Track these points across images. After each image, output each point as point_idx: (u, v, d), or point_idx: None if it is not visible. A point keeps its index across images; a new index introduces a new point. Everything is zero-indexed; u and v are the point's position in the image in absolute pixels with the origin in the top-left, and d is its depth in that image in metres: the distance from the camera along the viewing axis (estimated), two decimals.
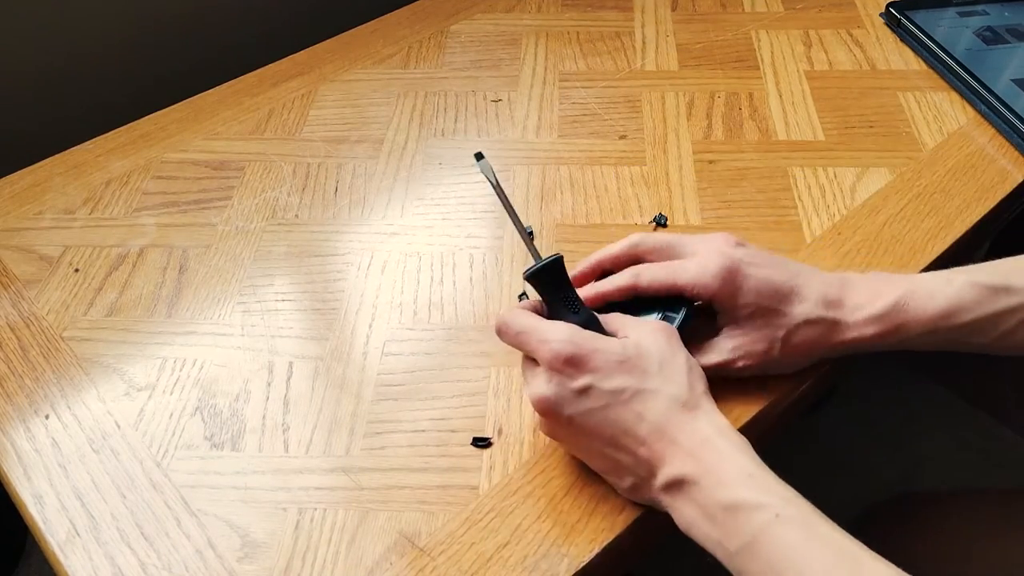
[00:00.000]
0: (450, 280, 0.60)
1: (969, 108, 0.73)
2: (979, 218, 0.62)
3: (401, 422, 0.51)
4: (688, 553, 0.43)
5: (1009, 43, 0.78)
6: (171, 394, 0.53)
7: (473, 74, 0.79)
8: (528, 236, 0.48)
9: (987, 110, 0.71)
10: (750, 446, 0.43)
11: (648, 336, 0.45)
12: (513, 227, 0.52)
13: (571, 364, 0.43)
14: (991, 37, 0.79)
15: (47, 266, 0.61)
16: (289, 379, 0.54)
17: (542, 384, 0.44)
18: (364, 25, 0.85)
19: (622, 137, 0.71)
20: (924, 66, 0.78)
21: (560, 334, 0.44)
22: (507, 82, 0.78)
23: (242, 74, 0.79)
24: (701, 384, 0.45)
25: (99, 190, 0.68)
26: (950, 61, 0.75)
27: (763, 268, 0.48)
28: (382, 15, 0.86)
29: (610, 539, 0.45)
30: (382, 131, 0.73)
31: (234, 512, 0.47)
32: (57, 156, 0.71)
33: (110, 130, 0.73)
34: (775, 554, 0.38)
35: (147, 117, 0.74)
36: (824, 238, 0.61)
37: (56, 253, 0.62)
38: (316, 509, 0.47)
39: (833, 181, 0.66)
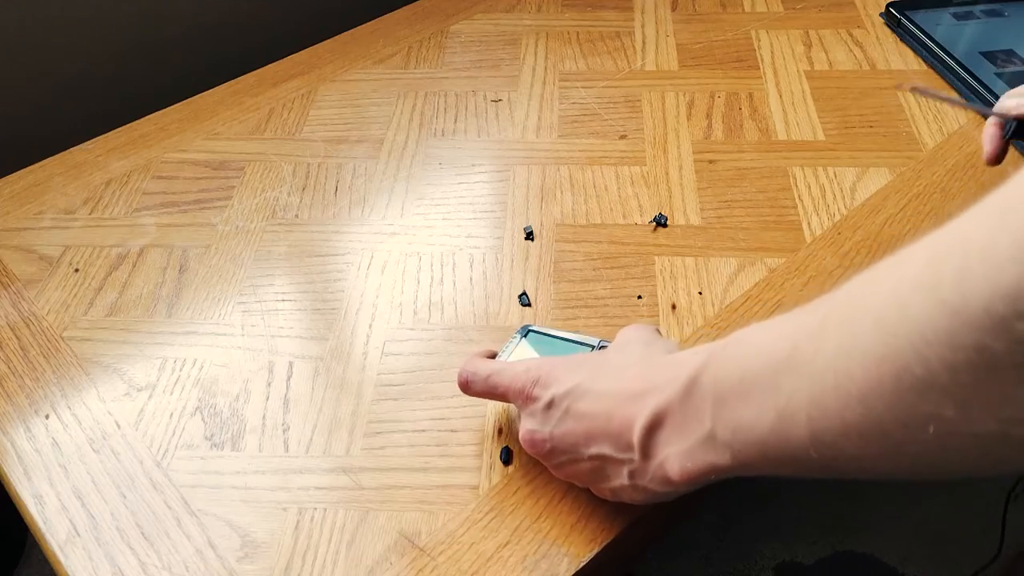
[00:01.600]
0: (450, 280, 0.60)
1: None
2: None
3: (401, 422, 0.51)
4: (688, 553, 0.43)
5: None
6: (171, 394, 0.53)
7: (473, 74, 0.79)
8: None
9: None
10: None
11: (622, 332, 0.45)
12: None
13: (537, 386, 0.42)
14: None
15: (47, 266, 0.61)
16: (289, 379, 0.54)
17: (523, 422, 0.44)
18: (364, 25, 0.85)
19: (622, 137, 0.71)
20: (924, 66, 0.78)
21: (525, 363, 0.44)
22: (507, 82, 0.78)
23: (242, 74, 0.79)
24: (662, 346, 0.42)
25: (99, 190, 0.68)
26: (950, 61, 0.75)
27: None
28: (382, 15, 0.87)
29: (610, 539, 0.45)
30: (382, 131, 0.73)
31: (234, 512, 0.47)
32: (57, 156, 0.71)
33: (110, 130, 0.73)
34: (736, 373, 0.34)
35: (147, 117, 0.74)
36: (824, 238, 0.61)
37: (56, 253, 0.62)
38: (316, 509, 0.47)
39: (833, 181, 0.66)
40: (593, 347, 0.49)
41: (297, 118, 0.74)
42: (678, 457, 0.37)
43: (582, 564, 0.44)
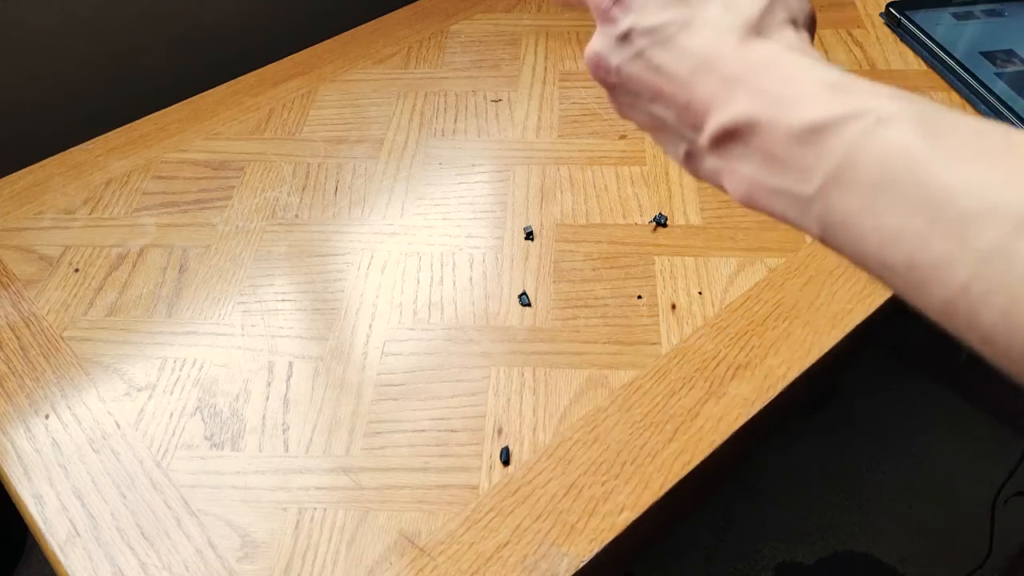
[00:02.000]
0: (450, 280, 0.60)
1: (969, 108, 0.73)
2: None
3: (401, 422, 0.51)
4: (688, 553, 0.43)
5: None
6: (171, 394, 0.53)
7: (473, 74, 0.79)
8: None
9: (987, 110, 0.71)
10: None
11: None
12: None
13: (619, 6, 0.35)
14: None
15: (47, 266, 0.61)
16: (289, 379, 0.54)
17: (594, 39, 0.36)
18: (364, 25, 0.85)
19: (622, 137, 0.71)
20: (924, 66, 0.78)
21: None
22: (507, 82, 0.78)
23: (242, 74, 0.79)
24: (784, 13, 0.33)
25: (99, 190, 0.68)
26: (950, 61, 0.75)
27: None
28: (382, 15, 0.87)
29: (610, 539, 0.45)
30: (382, 131, 0.73)
31: (234, 512, 0.47)
32: (57, 156, 0.71)
33: (110, 130, 0.73)
34: (877, 169, 0.26)
35: (147, 117, 0.74)
36: None
37: (56, 253, 0.62)
38: (316, 509, 0.47)
39: None
40: None
41: (297, 118, 0.74)
42: (750, 183, 0.30)
43: (582, 564, 0.44)
